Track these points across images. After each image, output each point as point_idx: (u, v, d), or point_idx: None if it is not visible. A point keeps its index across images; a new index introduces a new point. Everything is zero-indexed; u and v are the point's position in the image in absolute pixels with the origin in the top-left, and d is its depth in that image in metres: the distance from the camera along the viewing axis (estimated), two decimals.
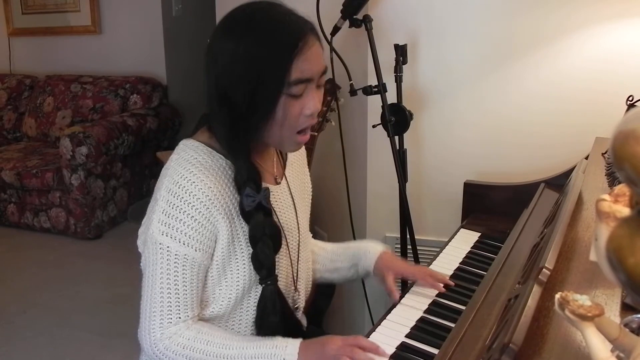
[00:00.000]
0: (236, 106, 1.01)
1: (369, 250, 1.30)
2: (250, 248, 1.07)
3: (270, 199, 1.09)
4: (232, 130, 1.03)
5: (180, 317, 1.04)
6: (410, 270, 1.30)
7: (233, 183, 1.06)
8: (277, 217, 1.13)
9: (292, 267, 1.19)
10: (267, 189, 1.07)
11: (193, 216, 1.01)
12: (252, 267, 1.08)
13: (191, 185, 1.00)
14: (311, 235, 1.36)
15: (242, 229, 1.07)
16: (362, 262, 1.31)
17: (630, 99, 1.46)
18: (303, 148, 1.32)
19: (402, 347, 1.06)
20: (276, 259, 1.10)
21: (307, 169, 1.34)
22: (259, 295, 1.10)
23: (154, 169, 3.87)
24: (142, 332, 1.05)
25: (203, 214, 1.01)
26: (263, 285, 1.08)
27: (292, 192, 1.21)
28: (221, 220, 1.03)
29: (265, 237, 1.06)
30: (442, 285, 1.25)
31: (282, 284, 1.15)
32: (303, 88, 1.00)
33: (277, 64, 0.97)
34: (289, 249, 1.17)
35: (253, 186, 1.03)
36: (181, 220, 1.01)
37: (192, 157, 1.04)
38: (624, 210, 0.54)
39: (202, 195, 1.01)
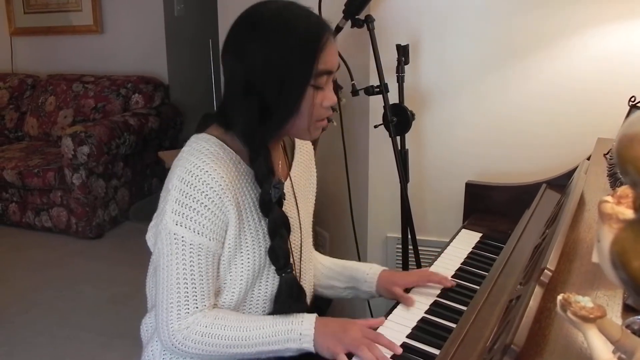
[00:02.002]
0: (264, 98, 1.02)
1: (367, 273, 1.29)
2: (254, 241, 1.09)
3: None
4: (257, 122, 1.03)
5: (197, 307, 1.04)
6: (412, 280, 1.28)
7: (243, 176, 1.07)
8: None
9: (294, 266, 1.19)
10: (282, 181, 1.10)
11: (207, 205, 1.02)
12: (255, 259, 1.09)
13: (204, 175, 1.01)
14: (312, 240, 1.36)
15: (248, 222, 1.08)
16: (362, 287, 1.30)
17: (633, 99, 1.45)
18: (311, 145, 1.33)
19: (403, 347, 1.06)
20: None
21: (314, 165, 1.34)
22: (263, 286, 1.12)
23: (156, 169, 3.87)
24: (159, 325, 1.06)
25: (216, 204, 1.02)
26: (283, 275, 1.10)
27: (295, 193, 1.22)
28: (232, 210, 1.04)
29: (282, 230, 1.08)
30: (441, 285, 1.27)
31: None
32: (325, 80, 1.04)
33: (306, 55, 1.01)
34: (291, 249, 1.18)
35: (275, 178, 1.06)
36: (195, 209, 1.01)
37: (204, 148, 1.05)
38: (627, 212, 0.54)
39: (215, 184, 1.01)
